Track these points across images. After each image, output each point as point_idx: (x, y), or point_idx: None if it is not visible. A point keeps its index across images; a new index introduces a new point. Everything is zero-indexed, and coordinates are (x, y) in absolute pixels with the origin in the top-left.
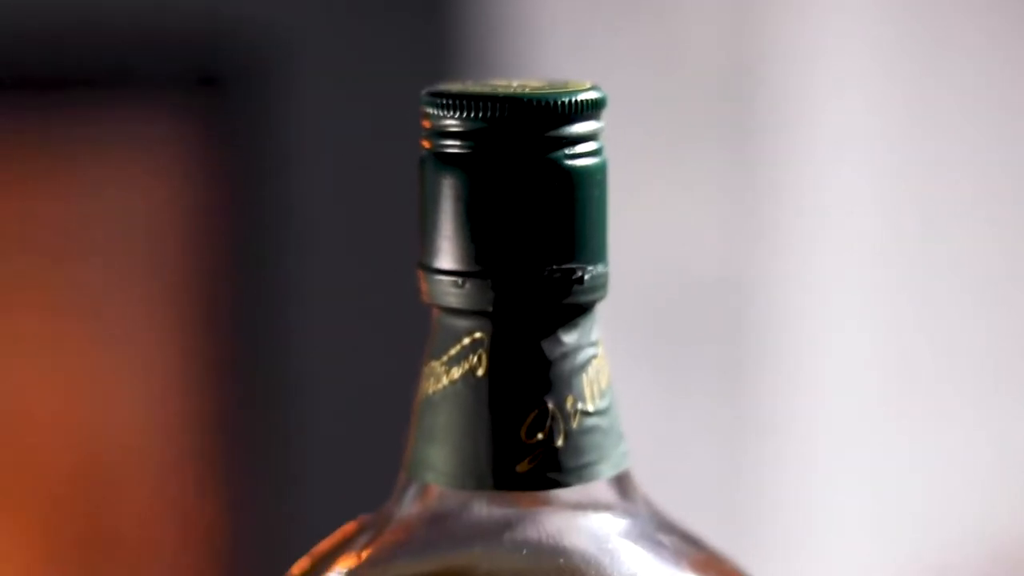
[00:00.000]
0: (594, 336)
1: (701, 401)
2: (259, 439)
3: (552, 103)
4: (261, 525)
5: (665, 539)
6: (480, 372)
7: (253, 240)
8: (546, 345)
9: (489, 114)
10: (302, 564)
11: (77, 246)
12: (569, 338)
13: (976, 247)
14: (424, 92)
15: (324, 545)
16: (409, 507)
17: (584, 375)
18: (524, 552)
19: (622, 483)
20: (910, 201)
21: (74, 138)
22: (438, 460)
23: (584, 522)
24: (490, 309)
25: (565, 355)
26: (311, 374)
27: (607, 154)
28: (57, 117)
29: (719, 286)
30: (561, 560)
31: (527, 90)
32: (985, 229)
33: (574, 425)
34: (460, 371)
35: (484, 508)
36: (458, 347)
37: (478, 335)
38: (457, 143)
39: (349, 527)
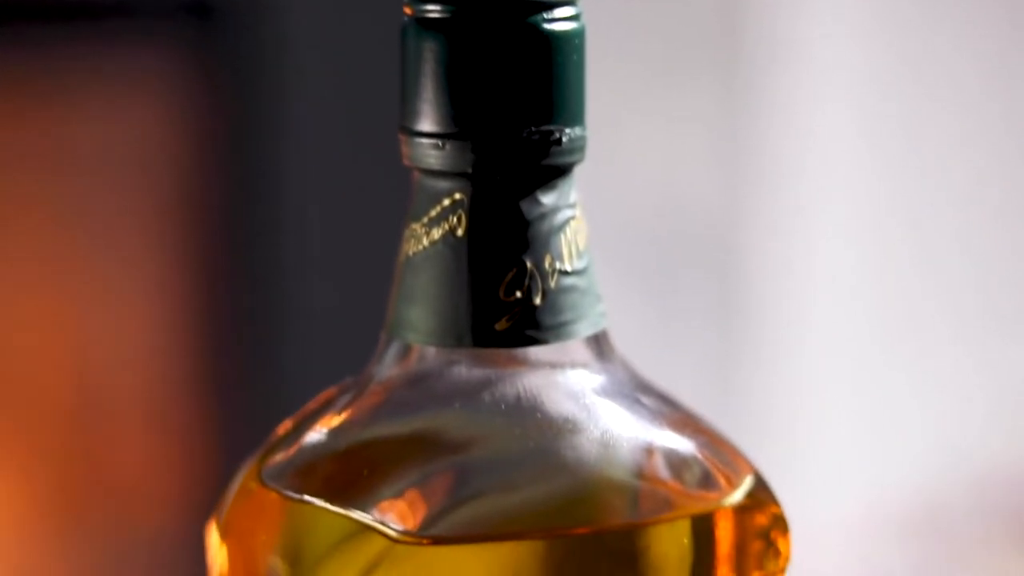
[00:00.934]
0: (572, 199)
1: (692, 332)
2: (257, 364)
3: None
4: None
5: (643, 398)
6: (460, 232)
7: (248, 162)
8: (525, 205)
9: None
10: (285, 425)
11: (75, 170)
12: (547, 199)
13: (964, 174)
14: None
15: (307, 408)
16: (389, 369)
17: (562, 235)
18: (503, 408)
19: (599, 343)
20: (897, 130)
21: (72, 67)
22: (419, 319)
23: (562, 379)
24: (469, 170)
25: (543, 216)
26: (307, 291)
27: (584, 21)
28: (56, 47)
29: (710, 215)
30: (539, 415)
31: None
32: (973, 155)
33: (552, 284)
34: (440, 232)
35: (463, 369)
36: (438, 208)
37: (458, 196)
38: (438, 8)
39: (331, 390)
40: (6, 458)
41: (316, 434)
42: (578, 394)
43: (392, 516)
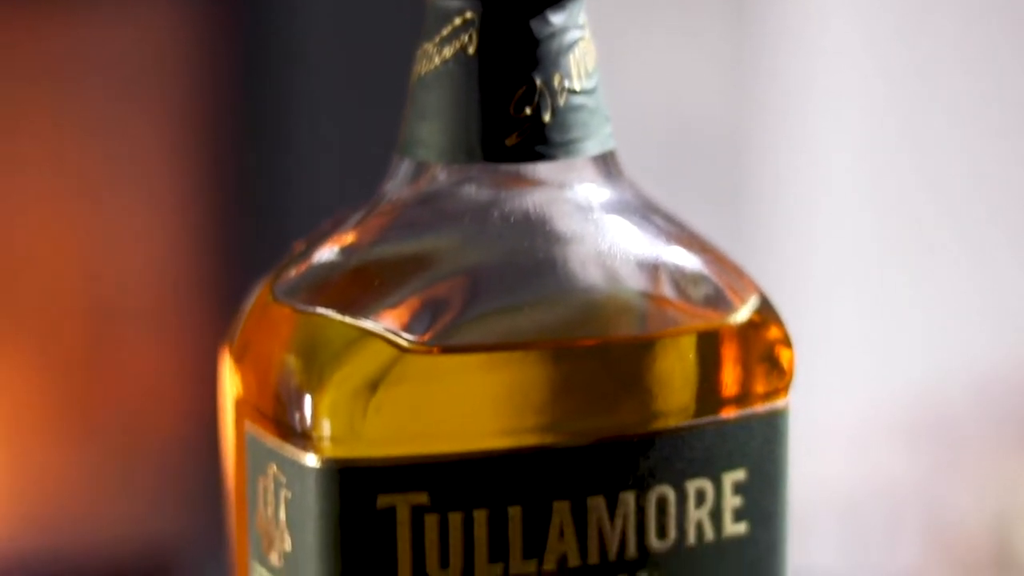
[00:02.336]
0: (581, 20)
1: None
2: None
3: None
4: None
5: (651, 216)
6: (471, 51)
7: (259, 68)
8: (534, 24)
9: None
10: (298, 245)
11: (86, 76)
12: (557, 18)
13: (968, 88)
14: None
15: (319, 229)
16: (401, 189)
17: (571, 55)
18: (512, 222)
19: (608, 163)
20: (902, 47)
21: None
22: (430, 136)
23: (570, 195)
24: None
25: (553, 35)
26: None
27: None
28: None
29: (718, 134)
30: (547, 229)
31: None
32: (977, 70)
33: (561, 102)
34: (451, 51)
35: (473, 188)
36: (449, 28)
37: (468, 15)
38: None
39: (344, 213)
40: (21, 363)
41: (327, 252)
42: (586, 209)
43: (402, 325)
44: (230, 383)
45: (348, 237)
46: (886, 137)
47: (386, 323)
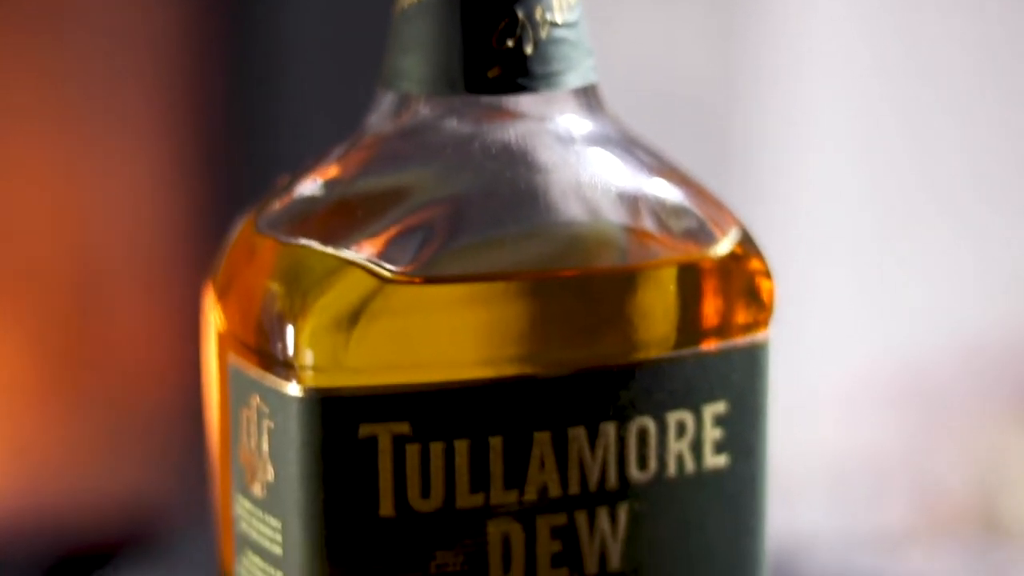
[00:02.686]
0: None
1: None
2: None
3: None
4: None
5: (633, 149)
6: None
7: (249, 21)
8: None
9: None
10: (282, 180)
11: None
12: None
13: (959, 56)
14: None
15: (305, 165)
16: (383, 123)
17: None
18: (493, 153)
19: (589, 97)
20: (894, 13)
21: None
22: (413, 68)
23: (551, 127)
24: None
25: None
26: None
27: None
28: None
29: (707, 94)
30: (528, 159)
31: None
32: (968, 37)
33: (543, 34)
34: None
35: (454, 122)
36: None
37: None
38: None
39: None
40: (7, 330)
41: (310, 185)
42: (567, 141)
43: (384, 256)
44: (213, 318)
45: (331, 171)
46: (876, 107)
47: (368, 253)
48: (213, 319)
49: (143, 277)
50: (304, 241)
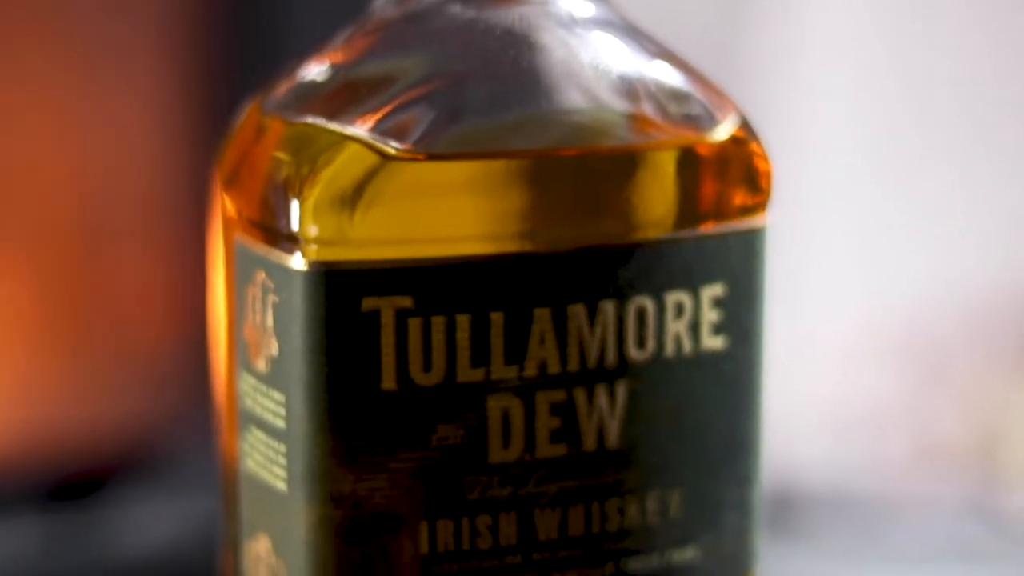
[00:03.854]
0: None
1: None
2: None
3: None
4: None
5: (633, 34)
6: None
7: None
8: None
9: None
10: (290, 66)
11: None
12: None
13: (959, 12)
14: None
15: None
16: (387, 9)
17: None
18: (496, 34)
19: None
20: None
21: None
22: None
23: (554, 10)
24: None
25: None
26: None
27: None
28: None
29: (709, 41)
30: (531, 40)
31: None
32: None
33: None
34: None
35: (458, 7)
36: None
37: None
38: None
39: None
40: (10, 274)
41: (315, 69)
42: (569, 24)
43: (389, 133)
44: (219, 205)
45: (336, 55)
46: (875, 59)
47: (373, 130)
48: (219, 205)
49: (144, 220)
50: (310, 119)
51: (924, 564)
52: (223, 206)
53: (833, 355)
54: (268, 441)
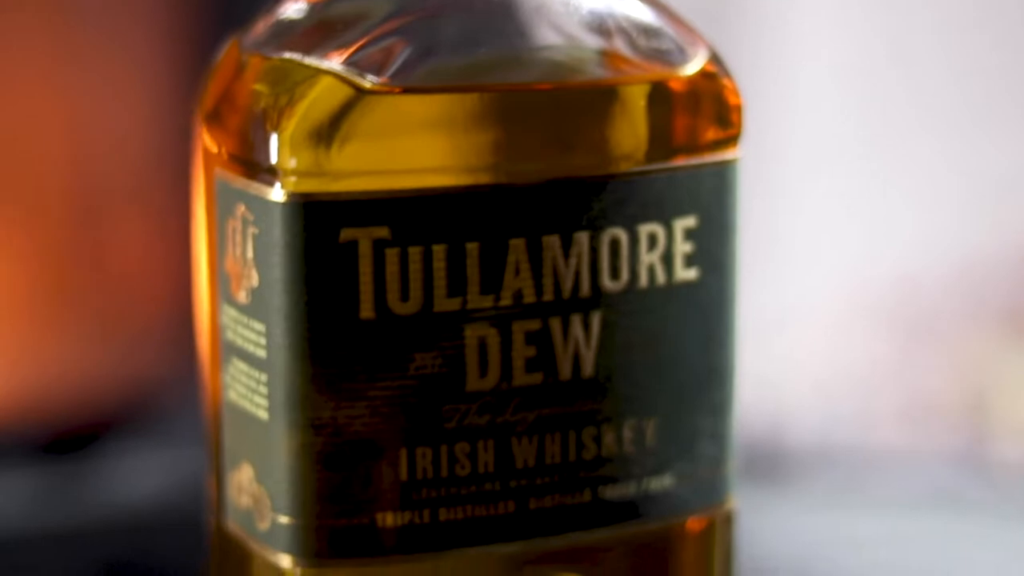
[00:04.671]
0: None
1: None
2: None
3: None
4: None
5: None
6: None
7: None
8: None
9: None
10: (269, 6)
11: None
12: None
13: None
14: None
15: None
16: None
17: None
18: None
19: None
20: None
21: None
22: None
23: None
24: None
25: None
26: None
27: None
28: None
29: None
30: None
31: None
32: None
33: None
34: None
35: None
36: None
37: None
38: None
39: None
40: (5, 234)
41: (293, 7)
42: None
43: (365, 66)
44: (200, 144)
45: None
46: (862, 25)
47: (348, 64)
48: (200, 143)
49: (138, 180)
50: (288, 54)
51: (911, 512)
52: (204, 144)
53: (822, 319)
54: (250, 371)
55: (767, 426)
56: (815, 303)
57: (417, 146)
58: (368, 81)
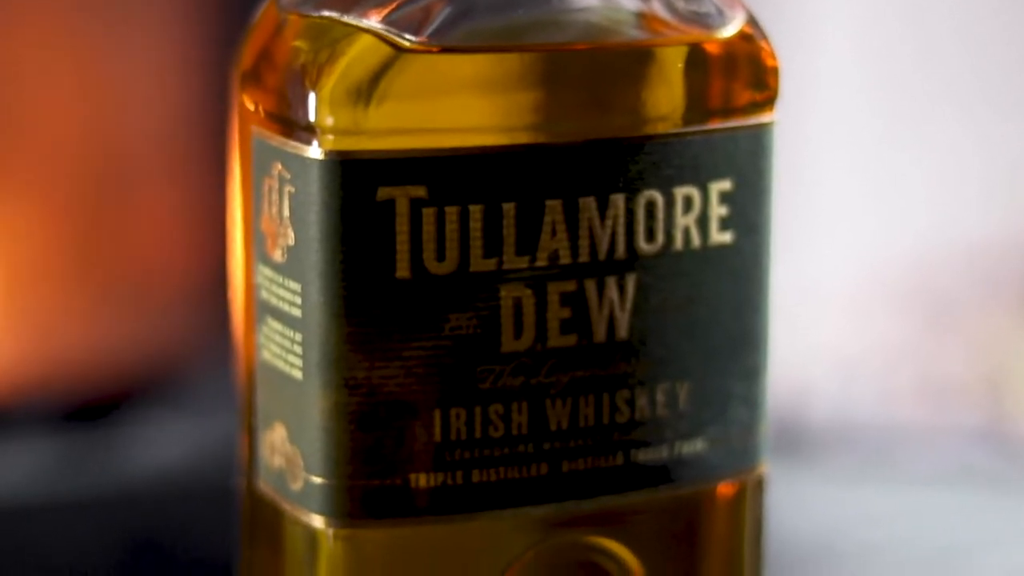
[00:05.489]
0: None
1: None
2: None
3: None
4: None
5: None
6: None
7: None
8: None
9: None
10: None
11: None
12: None
13: None
14: None
15: None
16: None
17: None
18: None
19: None
20: None
21: None
22: None
23: None
24: None
25: None
26: None
27: None
28: None
29: None
30: None
31: None
32: None
33: None
34: None
35: None
36: None
37: None
38: None
39: None
40: (28, 202)
41: None
42: None
43: (404, 25)
44: (237, 103)
45: None
46: (882, 6)
47: (388, 23)
48: (238, 104)
49: (161, 148)
50: (326, 13)
51: (931, 487)
52: (241, 103)
53: (842, 299)
54: (284, 331)
55: (788, 404)
56: (835, 284)
57: (454, 105)
58: (407, 40)
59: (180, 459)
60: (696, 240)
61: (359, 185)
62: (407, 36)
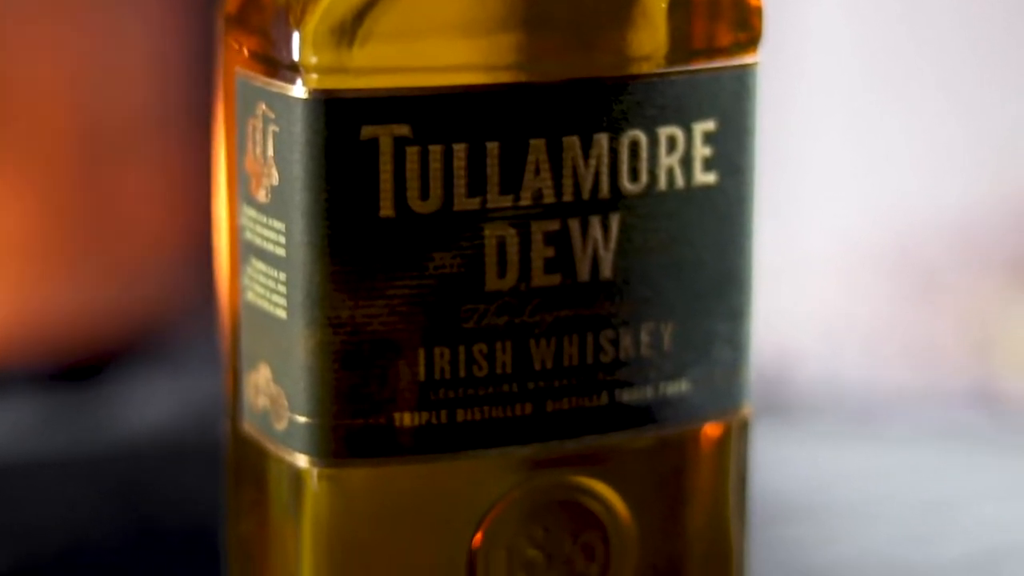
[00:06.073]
0: None
1: None
2: None
3: None
4: None
5: None
6: None
7: None
8: None
9: None
10: None
11: None
12: None
13: None
14: None
15: None
16: None
17: None
18: None
19: None
20: None
21: None
22: None
23: None
24: None
25: None
26: None
27: None
28: None
29: None
30: None
31: None
32: None
33: None
34: None
35: None
36: None
37: None
38: None
39: None
40: (13, 167)
41: None
42: None
43: None
44: (223, 47)
45: None
46: None
47: None
48: (223, 47)
49: (144, 116)
50: None
51: (916, 445)
52: (227, 46)
53: (829, 267)
54: (268, 270)
55: (777, 367)
56: (824, 250)
57: (439, 44)
58: None
59: (166, 417)
60: (680, 180)
61: (343, 124)
62: None
